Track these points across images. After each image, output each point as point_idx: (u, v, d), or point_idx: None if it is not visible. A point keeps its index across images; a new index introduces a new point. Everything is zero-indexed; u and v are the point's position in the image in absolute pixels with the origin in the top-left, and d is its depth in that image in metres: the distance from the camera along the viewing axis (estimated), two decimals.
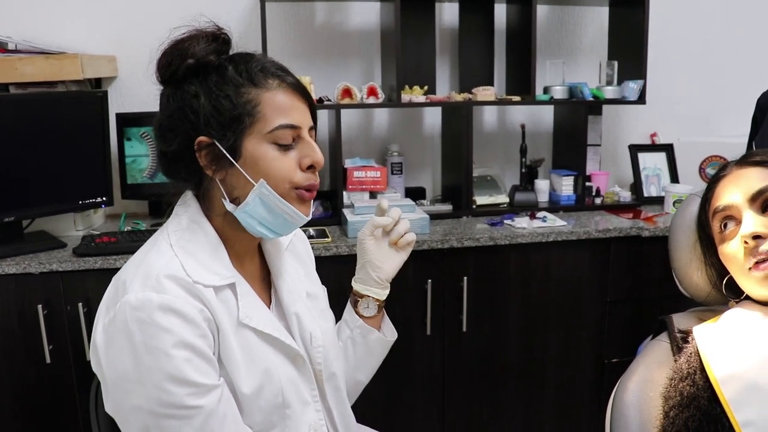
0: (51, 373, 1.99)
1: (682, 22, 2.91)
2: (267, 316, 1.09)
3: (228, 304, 1.05)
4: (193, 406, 0.96)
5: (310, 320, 1.17)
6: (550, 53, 2.81)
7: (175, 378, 0.94)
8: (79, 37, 2.45)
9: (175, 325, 0.95)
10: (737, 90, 3.03)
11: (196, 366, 0.96)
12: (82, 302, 1.95)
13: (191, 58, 1.02)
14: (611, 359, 2.40)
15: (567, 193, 2.62)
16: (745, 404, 1.00)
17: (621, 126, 2.95)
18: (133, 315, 0.94)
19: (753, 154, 1.17)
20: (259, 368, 1.05)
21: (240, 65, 1.03)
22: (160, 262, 1.00)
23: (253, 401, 1.04)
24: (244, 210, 1.04)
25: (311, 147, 1.06)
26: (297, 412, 1.09)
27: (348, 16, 2.67)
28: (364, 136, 2.76)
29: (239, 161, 1.02)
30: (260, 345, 1.06)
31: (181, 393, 0.95)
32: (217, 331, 1.01)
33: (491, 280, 2.26)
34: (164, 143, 1.07)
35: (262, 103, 1.02)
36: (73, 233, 2.23)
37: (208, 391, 0.97)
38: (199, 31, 1.04)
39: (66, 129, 2.11)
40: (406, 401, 2.28)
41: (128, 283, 0.98)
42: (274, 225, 1.06)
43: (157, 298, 0.95)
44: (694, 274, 1.27)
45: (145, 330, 0.94)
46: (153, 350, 0.94)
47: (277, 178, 1.03)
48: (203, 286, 1.00)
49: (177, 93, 1.05)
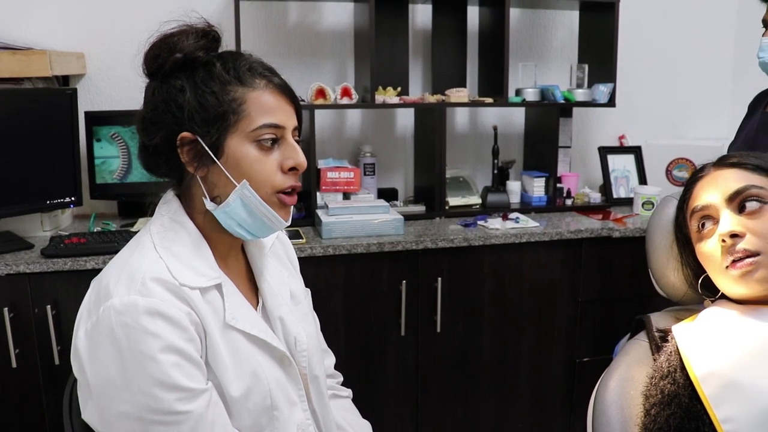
0: (17, 377, 1.94)
1: (651, 27, 2.97)
2: (253, 317, 1.08)
3: (214, 305, 1.03)
4: (182, 411, 0.94)
5: (293, 323, 1.16)
6: (521, 56, 2.84)
7: (163, 383, 0.92)
8: (46, 32, 2.40)
9: (162, 330, 0.93)
10: (703, 95, 3.11)
11: (185, 370, 0.94)
12: (50, 305, 1.90)
13: (179, 52, 1.01)
14: (582, 358, 2.43)
15: (538, 194, 2.65)
16: (725, 401, 1.02)
17: (590, 128, 3.00)
18: (119, 319, 0.92)
19: (730, 155, 1.20)
20: (247, 370, 1.03)
21: (228, 63, 1.03)
22: (145, 265, 0.98)
23: (242, 404, 1.02)
24: (224, 210, 1.03)
25: (294, 149, 1.05)
26: (285, 413, 1.08)
27: (321, 16, 2.66)
28: (337, 136, 2.75)
29: (221, 159, 1.01)
30: (247, 347, 1.05)
31: (169, 398, 0.93)
32: (204, 334, 1.00)
33: (465, 280, 2.27)
34: (146, 136, 1.05)
35: (248, 101, 1.01)
36: (40, 234, 2.18)
37: (196, 396, 0.95)
38: (189, 27, 1.03)
39: (34, 127, 2.06)
40: (380, 402, 2.28)
41: (112, 287, 0.96)
42: (253, 227, 1.05)
43: (143, 302, 0.93)
44: (671, 274, 1.29)
45: (131, 335, 0.92)
46: (140, 355, 0.92)
47: (258, 180, 1.02)
48: (189, 289, 0.99)
49: (163, 86, 1.03)
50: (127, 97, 2.48)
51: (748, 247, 1.07)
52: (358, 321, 2.20)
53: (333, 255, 2.11)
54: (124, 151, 2.37)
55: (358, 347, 2.22)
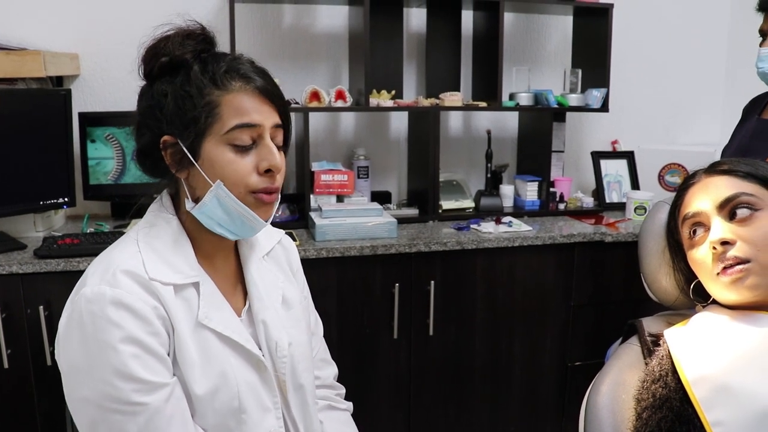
0: (9, 378, 1.93)
1: (644, 33, 2.99)
2: (229, 319, 1.08)
3: (189, 302, 1.04)
4: (138, 402, 0.95)
5: (277, 328, 1.15)
6: (515, 60, 2.85)
7: (120, 373, 0.94)
8: (40, 33, 2.39)
9: (125, 320, 0.95)
10: (695, 100, 3.13)
11: (144, 362, 0.96)
12: (42, 305, 1.90)
13: (165, 55, 1.02)
14: (574, 362, 2.44)
15: (531, 198, 2.66)
16: (715, 405, 1.03)
17: (584, 133, 3.01)
18: (87, 308, 0.96)
19: (721, 162, 1.21)
20: (215, 370, 1.04)
21: (208, 66, 1.03)
22: (121, 258, 1.01)
23: (207, 403, 1.03)
24: (201, 210, 1.04)
25: (269, 150, 1.04)
26: (254, 417, 1.08)
27: (316, 19, 2.66)
28: (331, 139, 2.76)
29: (198, 161, 1.02)
30: (219, 347, 1.05)
31: (126, 388, 0.95)
32: (172, 330, 1.01)
33: (458, 284, 2.28)
34: (137, 139, 1.08)
35: (222, 105, 1.01)
36: (33, 234, 2.17)
37: (154, 389, 0.97)
38: (181, 30, 1.04)
39: (27, 127, 2.06)
40: (373, 405, 2.28)
41: (89, 277, 1.00)
42: (232, 227, 1.06)
43: (110, 292, 0.96)
44: (663, 279, 1.30)
45: (96, 323, 0.95)
46: (102, 344, 0.94)
47: (231, 180, 1.02)
48: (161, 284, 1.00)
49: (150, 90, 1.06)
50: (122, 98, 2.48)
51: (739, 254, 1.08)
52: (350, 324, 2.21)
53: (326, 258, 2.12)
54: (118, 153, 2.36)
55: (350, 350, 2.22)
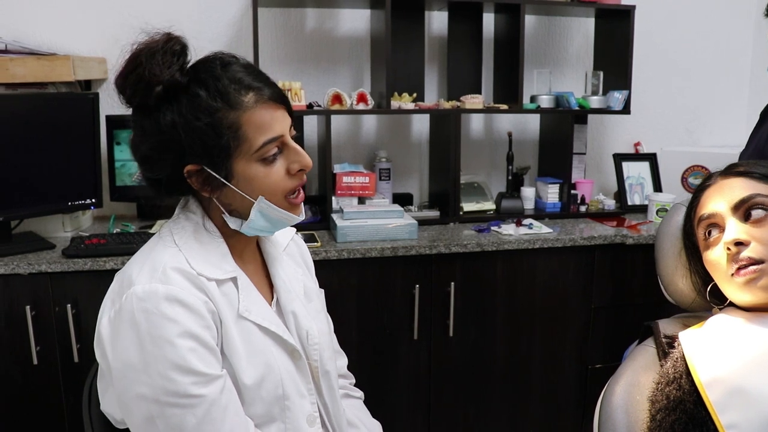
0: (38, 374, 1.98)
1: (667, 34, 2.97)
2: (266, 311, 1.12)
3: (230, 297, 1.08)
4: (197, 395, 0.98)
5: (306, 318, 1.20)
6: (536, 63, 2.85)
7: (179, 367, 0.97)
8: (69, 38, 2.45)
9: (180, 315, 0.98)
10: (719, 102, 3.10)
11: (200, 356, 0.99)
12: (70, 303, 1.95)
13: (157, 84, 0.98)
14: (595, 365, 2.44)
15: (552, 200, 2.66)
16: (729, 407, 1.03)
17: (605, 135, 3.00)
18: (140, 305, 0.97)
19: (737, 165, 1.21)
20: (260, 360, 1.08)
21: (210, 85, 1.00)
22: (166, 256, 1.04)
23: (255, 392, 1.06)
24: (249, 226, 1.09)
25: (296, 152, 1.08)
26: (296, 403, 1.12)
27: (338, 23, 2.69)
28: (353, 141, 2.78)
29: (233, 182, 1.05)
30: (261, 338, 1.09)
31: (185, 382, 0.97)
32: (219, 323, 1.05)
33: (478, 285, 2.29)
34: (152, 172, 1.07)
35: (243, 125, 1.01)
36: (61, 234, 2.23)
37: (210, 381, 1.00)
38: (150, 45, 1.00)
39: (56, 130, 2.11)
40: (393, 405, 2.30)
41: (135, 276, 1.01)
42: (272, 229, 1.13)
43: (163, 288, 0.98)
44: (679, 281, 1.30)
45: (151, 320, 0.97)
46: (158, 339, 0.96)
47: (270, 192, 1.06)
48: (206, 279, 1.04)
49: (151, 122, 1.02)
50: None
51: (753, 255, 1.08)
52: (371, 324, 2.23)
53: (347, 259, 2.14)
54: None
55: (370, 350, 2.24)
